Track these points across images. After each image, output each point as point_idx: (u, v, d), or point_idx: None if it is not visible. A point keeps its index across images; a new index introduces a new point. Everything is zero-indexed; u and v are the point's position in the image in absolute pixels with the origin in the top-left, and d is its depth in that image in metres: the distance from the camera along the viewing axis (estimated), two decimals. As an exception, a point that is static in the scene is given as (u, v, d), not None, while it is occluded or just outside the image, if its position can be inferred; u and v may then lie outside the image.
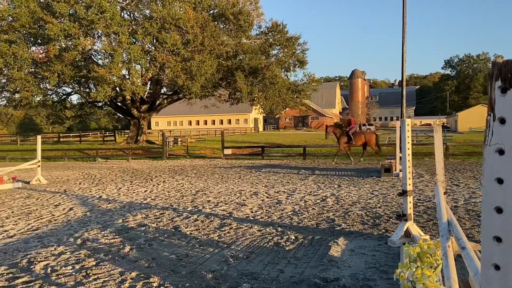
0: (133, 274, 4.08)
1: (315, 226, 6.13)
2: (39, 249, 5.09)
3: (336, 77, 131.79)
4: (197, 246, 5.10)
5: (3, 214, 7.57)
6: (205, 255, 4.70)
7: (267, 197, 8.79)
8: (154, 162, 21.06)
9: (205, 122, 75.82)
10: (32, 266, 4.38)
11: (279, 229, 5.90)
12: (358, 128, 22.80)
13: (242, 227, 6.05)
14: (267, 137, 41.87)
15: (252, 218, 6.72)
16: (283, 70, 30.71)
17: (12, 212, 7.76)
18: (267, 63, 27.98)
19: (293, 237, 5.42)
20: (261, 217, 6.79)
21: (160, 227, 6.17)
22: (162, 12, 24.51)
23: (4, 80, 29.50)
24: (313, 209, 7.42)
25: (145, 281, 3.89)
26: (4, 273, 4.17)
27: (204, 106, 40.61)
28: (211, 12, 28.75)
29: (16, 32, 26.41)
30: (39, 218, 7.12)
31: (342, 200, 8.22)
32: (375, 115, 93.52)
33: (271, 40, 29.65)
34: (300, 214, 6.95)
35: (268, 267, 4.25)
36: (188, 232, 5.80)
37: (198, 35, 24.89)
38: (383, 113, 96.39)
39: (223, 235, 5.63)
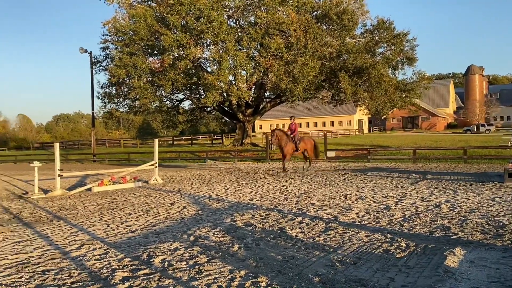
0: (242, 272, 4.21)
1: (428, 233, 5.73)
2: (157, 244, 5.50)
3: (450, 73, 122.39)
4: (303, 248, 5.09)
5: (127, 211, 8.36)
6: (311, 258, 4.66)
7: (374, 202, 8.46)
8: (259, 164, 21.60)
9: (307, 125, 75.74)
10: (151, 260, 4.75)
11: (388, 235, 5.63)
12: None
13: (348, 232, 5.89)
14: (373, 139, 40.39)
15: (358, 223, 6.52)
16: (390, 68, 29.38)
17: (134, 209, 8.53)
18: (372, 62, 27.01)
19: (404, 245, 5.13)
20: (368, 223, 6.55)
21: (266, 228, 6.28)
22: (266, 18, 25.08)
23: (126, 89, 32.59)
24: (426, 215, 6.95)
25: (253, 280, 3.98)
26: (128, 264, 4.59)
27: (306, 108, 40.63)
28: (314, 13, 28.59)
29: (136, 45, 29.04)
30: (156, 215, 7.71)
31: (458, 207, 7.58)
32: (495, 114, 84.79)
33: (377, 38, 28.57)
34: (411, 221, 6.56)
35: (377, 275, 4.07)
36: (293, 234, 5.82)
37: (301, 38, 24.98)
38: (504, 112, 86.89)
39: (328, 238, 5.54)
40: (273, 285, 3.83)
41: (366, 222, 6.56)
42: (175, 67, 27.67)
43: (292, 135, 15.56)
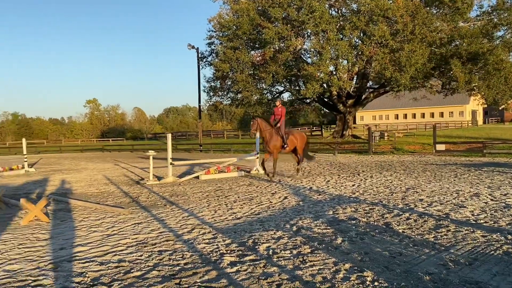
0: (347, 265, 4.15)
1: (559, 237, 5.09)
2: (261, 232, 5.66)
3: None
4: (411, 245, 4.85)
5: (231, 198, 8.72)
6: (421, 256, 4.43)
7: (492, 200, 7.73)
8: (360, 157, 21.00)
9: (414, 116, 71.55)
10: (256, 247, 4.91)
11: (509, 237, 5.12)
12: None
13: (462, 231, 5.47)
14: (489, 132, 36.89)
15: (473, 222, 6.02)
16: (511, 54, 26.51)
17: (238, 197, 8.86)
18: (490, 47, 24.57)
19: (529, 248, 4.62)
20: (485, 222, 6.01)
21: (371, 222, 6.10)
22: (370, 5, 24.13)
23: (229, 83, 33.85)
24: (555, 217, 6.19)
25: (358, 274, 3.91)
26: (235, 250, 4.79)
27: (413, 98, 38.42)
28: (423, -3, 26.86)
29: (239, 39, 29.95)
30: (259, 204, 7.93)
31: None
32: None
33: (495, 20, 25.90)
34: (537, 222, 5.89)
35: (497, 278, 3.73)
36: (400, 230, 5.58)
37: (408, 24, 23.64)
38: None
39: (439, 236, 5.21)
40: (380, 281, 3.72)
41: (482, 221, 6.03)
42: (275, 59, 28.02)
43: (279, 125, 12.10)
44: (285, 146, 12.11)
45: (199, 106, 34.99)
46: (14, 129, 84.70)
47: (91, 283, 3.81)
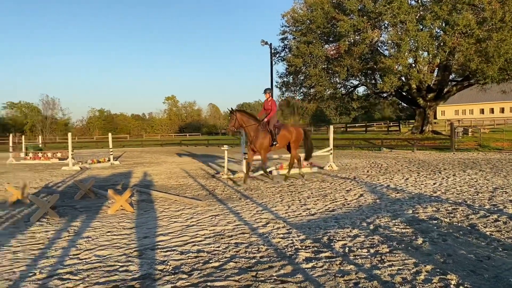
0: (428, 267, 3.95)
1: None
2: (336, 229, 5.57)
3: None
4: (500, 249, 4.50)
5: (305, 194, 8.68)
6: (512, 262, 4.10)
7: None
8: (441, 154, 19.89)
9: (502, 110, 66.20)
10: (332, 244, 4.84)
11: None
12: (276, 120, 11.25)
13: (561, 236, 4.97)
14: None
15: None
16: None
17: (312, 193, 8.80)
18: None
19: None
20: None
21: (454, 223, 5.75)
22: (454, -8, 22.69)
23: (302, 78, 33.66)
24: None
25: (441, 276, 3.71)
26: (310, 246, 4.77)
27: (501, 91, 35.56)
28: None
29: (313, 33, 29.63)
30: (333, 201, 7.81)
31: None
32: None
33: None
34: None
35: None
36: (487, 233, 5.20)
37: (497, 11, 21.88)
38: None
39: (534, 242, 4.78)
40: (465, 285, 3.50)
41: None
42: (350, 52, 27.36)
43: (266, 120, 10.63)
44: (275, 143, 10.52)
45: (272, 101, 35.13)
46: (101, 124, 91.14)
47: (173, 271, 4.00)
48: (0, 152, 35.44)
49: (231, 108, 10.33)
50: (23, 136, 29.98)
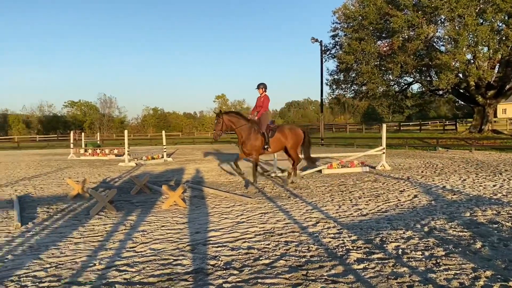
0: (488, 273, 3.77)
1: None
2: (389, 230, 5.44)
3: None
4: None
5: (356, 194, 8.53)
6: None
7: None
8: (502, 155, 18.82)
9: None
10: (384, 245, 4.73)
11: None
12: (270, 120, 10.55)
13: None
14: None
15: None
16: None
17: (363, 193, 8.63)
18: None
19: None
20: None
21: (517, 228, 5.44)
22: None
23: (353, 75, 33.06)
24: None
25: (503, 283, 3.52)
26: (361, 247, 4.69)
27: None
28: None
29: (365, 30, 29.01)
30: (386, 201, 7.62)
31: None
32: None
33: None
34: None
35: None
36: (555, 239, 4.87)
37: None
38: None
39: None
40: (530, 295, 3.30)
41: None
42: (404, 49, 26.54)
43: (257, 118, 9.93)
44: (266, 147, 9.73)
45: (321, 99, 34.83)
46: (154, 122, 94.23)
47: (224, 267, 4.08)
48: (61, 148, 37.59)
49: (219, 110, 9.76)
50: (82, 133, 31.59)
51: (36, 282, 3.75)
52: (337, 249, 4.60)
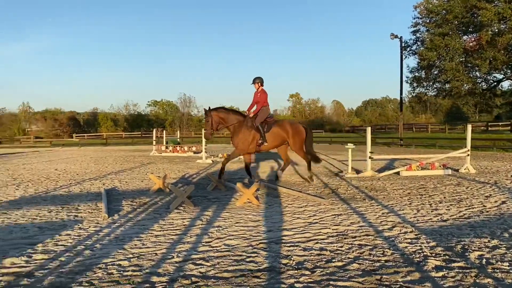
0: None
1: None
2: (471, 238, 5.10)
3: None
4: None
5: (436, 198, 8.11)
6: None
7: None
8: None
9: None
10: (466, 254, 4.45)
11: None
12: (270, 115, 10.00)
13: None
14: None
15: None
16: None
17: (444, 198, 8.17)
18: None
19: None
20: None
21: None
22: None
23: (436, 72, 31.36)
24: None
25: None
26: (440, 254, 4.45)
27: None
28: None
29: (449, 24, 27.37)
30: (469, 207, 7.15)
31: None
32: None
33: None
34: None
35: None
36: None
37: None
38: None
39: None
40: None
41: None
42: (494, 43, 24.66)
43: (252, 113, 9.38)
44: (261, 142, 9.16)
45: (401, 98, 33.40)
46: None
47: (296, 266, 4.10)
48: (145, 145, 39.94)
49: (208, 108, 9.26)
50: (164, 131, 33.28)
51: (121, 270, 4.04)
52: (414, 255, 4.42)
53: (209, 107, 9.22)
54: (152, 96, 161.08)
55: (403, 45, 32.63)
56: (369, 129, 12.75)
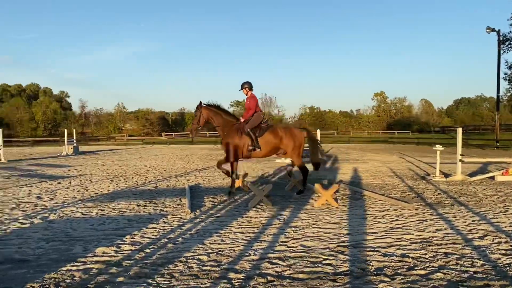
0: None
1: None
2: None
3: None
4: None
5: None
6: None
7: None
8: None
9: None
10: None
11: None
12: (264, 120, 8.79)
13: None
14: None
15: None
16: None
17: (547, 206, 7.37)
18: None
19: None
20: None
21: None
22: None
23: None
24: None
25: None
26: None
27: None
28: None
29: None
30: None
31: None
32: None
33: None
34: None
35: None
36: None
37: None
38: None
39: None
40: None
41: None
42: None
43: (243, 120, 8.61)
44: (252, 148, 8.38)
45: (497, 96, 30.73)
46: (311, 121, 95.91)
47: (375, 272, 3.94)
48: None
49: (200, 102, 8.80)
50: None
51: (200, 265, 4.19)
52: (508, 268, 4.03)
53: (200, 102, 8.81)
54: (235, 96, 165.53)
55: (501, 39, 30.02)
56: (459, 130, 11.89)
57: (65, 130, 27.55)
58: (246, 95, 8.92)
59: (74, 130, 30.92)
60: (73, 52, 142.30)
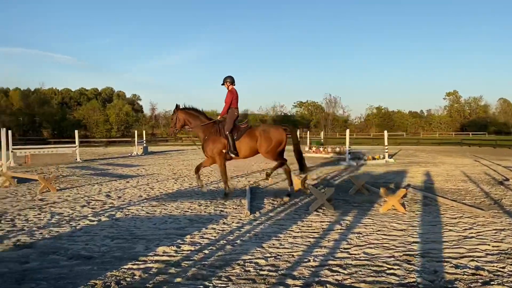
0: None
1: None
2: None
3: None
4: None
5: None
6: None
7: None
8: None
9: None
10: None
11: None
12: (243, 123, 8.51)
13: None
14: None
15: None
16: None
17: None
18: None
19: None
20: None
21: None
22: None
23: None
24: None
25: None
26: None
27: None
28: None
29: None
30: None
31: None
32: None
33: None
34: None
35: None
36: None
37: None
38: None
39: None
40: None
41: None
42: None
43: (219, 117, 8.52)
44: (228, 152, 8.14)
45: None
46: (378, 122, 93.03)
47: (444, 285, 3.61)
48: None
49: (176, 105, 8.64)
50: (308, 132, 33.63)
51: (258, 269, 4.11)
52: None
53: (177, 105, 8.68)
54: (299, 97, 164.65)
55: None
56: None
57: (136, 131, 28.86)
58: (228, 88, 8.67)
59: (144, 131, 32.34)
60: (144, 57, 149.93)
